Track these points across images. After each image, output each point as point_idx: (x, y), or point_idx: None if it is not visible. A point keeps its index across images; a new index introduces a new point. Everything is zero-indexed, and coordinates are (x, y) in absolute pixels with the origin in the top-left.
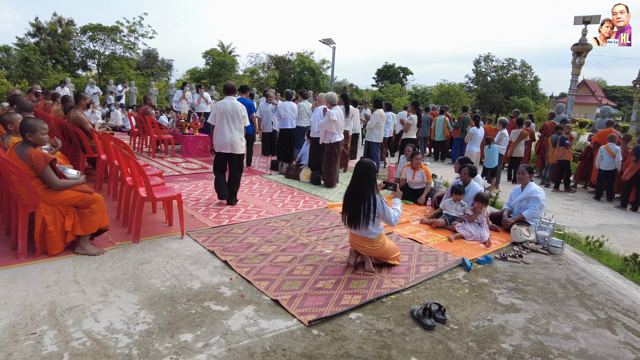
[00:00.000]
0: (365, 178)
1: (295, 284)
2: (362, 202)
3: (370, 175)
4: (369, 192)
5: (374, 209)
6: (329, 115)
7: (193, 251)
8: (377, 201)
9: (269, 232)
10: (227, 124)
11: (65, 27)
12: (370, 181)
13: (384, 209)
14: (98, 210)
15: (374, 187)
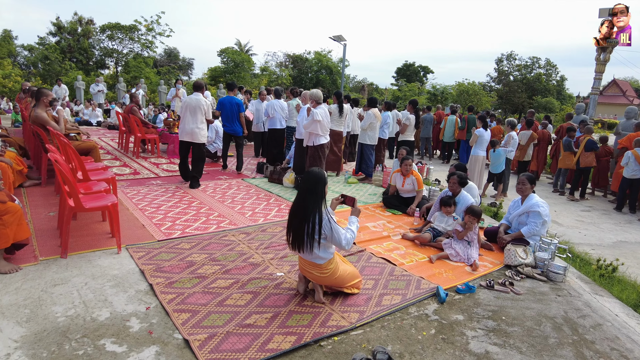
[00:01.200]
0: (310, 192)
1: (221, 318)
2: (306, 220)
3: (317, 188)
4: (315, 209)
5: (319, 229)
6: (313, 115)
7: (123, 270)
8: (324, 220)
9: (220, 248)
10: (190, 116)
11: (85, 26)
12: (317, 196)
13: (331, 229)
14: (12, 223)
15: (321, 203)
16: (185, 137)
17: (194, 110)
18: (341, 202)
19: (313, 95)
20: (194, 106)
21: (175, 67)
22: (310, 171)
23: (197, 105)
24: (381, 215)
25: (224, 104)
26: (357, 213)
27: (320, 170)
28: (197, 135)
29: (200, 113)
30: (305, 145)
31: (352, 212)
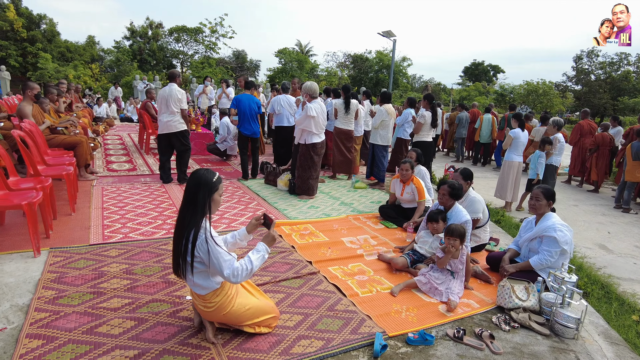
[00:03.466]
0: (189, 201)
1: (74, 351)
2: (181, 236)
3: (197, 196)
4: (192, 223)
5: (191, 249)
6: (306, 110)
7: (21, 278)
8: (200, 238)
9: (148, 259)
10: (164, 107)
11: (154, 29)
12: (195, 206)
13: (208, 251)
14: None
15: (199, 216)
16: (162, 129)
17: (167, 101)
18: (261, 222)
19: (307, 88)
20: (166, 97)
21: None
22: (194, 173)
23: (169, 95)
24: (369, 228)
25: (242, 102)
26: (269, 240)
27: (207, 173)
28: (173, 126)
29: (172, 103)
30: (297, 142)
31: (264, 237)
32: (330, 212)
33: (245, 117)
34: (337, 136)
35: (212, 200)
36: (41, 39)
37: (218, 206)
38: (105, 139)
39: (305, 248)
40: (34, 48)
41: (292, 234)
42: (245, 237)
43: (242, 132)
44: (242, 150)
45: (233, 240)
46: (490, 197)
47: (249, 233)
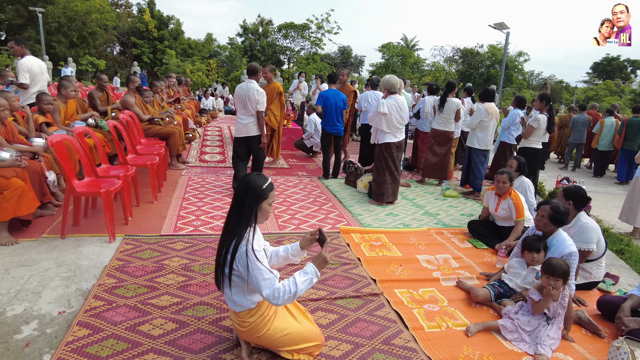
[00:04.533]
0: (235, 207)
1: (113, 347)
2: (223, 245)
3: (244, 203)
4: (234, 232)
5: (230, 260)
6: (379, 106)
7: (93, 262)
8: (240, 251)
9: (211, 256)
10: (242, 108)
11: (265, 26)
12: (241, 213)
13: (248, 266)
14: (12, 198)
15: (244, 225)
16: (240, 132)
17: (244, 101)
18: (316, 238)
19: (386, 82)
20: (243, 95)
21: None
22: (245, 177)
23: (246, 94)
24: (453, 246)
25: (328, 98)
26: (320, 262)
27: (258, 178)
28: (251, 129)
29: (249, 104)
30: (372, 142)
31: (315, 258)
32: (409, 223)
33: (331, 114)
34: (433, 137)
35: (260, 209)
36: (168, 37)
37: (266, 216)
38: (206, 130)
39: (373, 262)
40: (162, 45)
41: (361, 243)
42: (298, 253)
43: (326, 129)
44: (325, 148)
45: (285, 255)
46: (613, 219)
47: (302, 249)
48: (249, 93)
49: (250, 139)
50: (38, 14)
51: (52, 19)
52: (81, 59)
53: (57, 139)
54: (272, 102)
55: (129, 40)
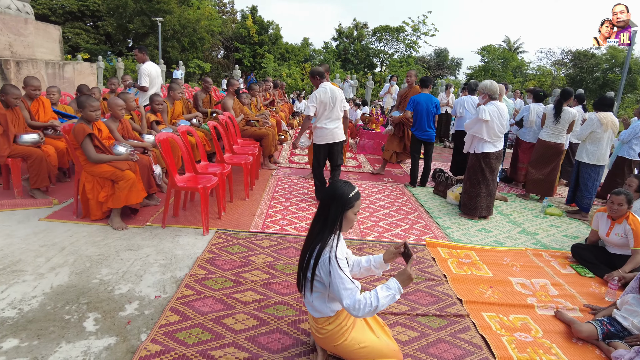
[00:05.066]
0: (321, 212)
1: (198, 336)
2: (307, 249)
3: (330, 209)
4: (318, 238)
5: (313, 266)
6: (479, 112)
7: (187, 252)
8: (324, 257)
9: (294, 256)
10: (329, 112)
11: (359, 30)
12: (326, 219)
13: (330, 273)
14: (125, 188)
15: (328, 231)
16: (327, 138)
17: (331, 106)
18: (401, 252)
19: (487, 88)
20: (329, 100)
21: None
22: (332, 184)
23: (334, 97)
24: (552, 271)
25: (419, 103)
26: (404, 279)
27: (345, 186)
28: (338, 134)
29: (339, 106)
30: (466, 151)
31: (399, 273)
32: (504, 241)
33: (422, 120)
34: (541, 149)
35: (345, 217)
36: (267, 42)
37: (351, 225)
38: (297, 132)
39: (460, 281)
40: (262, 50)
41: (448, 259)
42: (381, 266)
43: (415, 135)
44: (414, 155)
45: (367, 266)
46: None
47: (385, 262)
48: (338, 95)
49: (337, 144)
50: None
51: (169, 27)
52: (190, 63)
53: (163, 137)
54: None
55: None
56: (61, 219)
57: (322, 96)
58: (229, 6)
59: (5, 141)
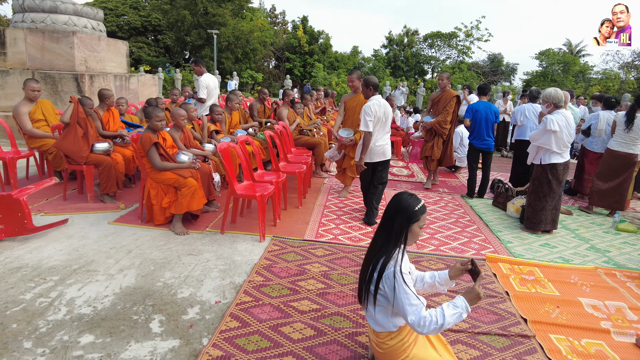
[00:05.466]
0: (384, 225)
1: (258, 343)
2: (369, 261)
3: (394, 222)
4: (382, 251)
5: (377, 279)
6: (545, 122)
7: (245, 258)
8: (388, 270)
9: (349, 266)
10: (381, 128)
11: (410, 37)
12: (390, 232)
13: (394, 288)
14: (187, 195)
15: (393, 245)
16: (377, 156)
17: (383, 120)
18: (467, 269)
19: (551, 96)
20: (382, 114)
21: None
22: (397, 195)
23: (386, 112)
24: (629, 293)
25: (478, 111)
26: (472, 297)
27: (410, 198)
28: (388, 151)
29: (388, 121)
30: (530, 162)
31: (467, 292)
32: (570, 257)
33: (481, 128)
34: (610, 160)
35: (410, 231)
36: (317, 51)
37: (416, 239)
38: None
39: (524, 299)
40: (312, 59)
41: (510, 275)
42: (446, 283)
43: (474, 144)
44: (471, 165)
45: (431, 282)
46: None
47: (451, 279)
48: (389, 109)
49: (386, 162)
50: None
51: (223, 39)
52: (243, 73)
53: (224, 146)
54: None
55: (283, 55)
56: (127, 222)
57: (377, 110)
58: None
59: (85, 143)
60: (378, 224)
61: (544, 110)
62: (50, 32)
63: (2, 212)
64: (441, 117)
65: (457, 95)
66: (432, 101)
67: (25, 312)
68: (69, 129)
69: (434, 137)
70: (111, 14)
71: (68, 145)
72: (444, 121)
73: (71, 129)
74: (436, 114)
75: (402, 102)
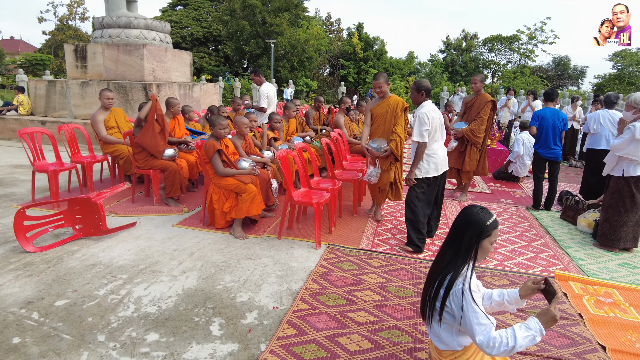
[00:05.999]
0: (453, 239)
1: (314, 353)
2: (434, 277)
3: (464, 236)
4: (450, 266)
5: (443, 296)
6: (634, 131)
7: (301, 264)
8: (456, 287)
9: (407, 279)
10: (440, 134)
11: (469, 41)
12: (459, 247)
13: (462, 306)
14: (247, 200)
15: (463, 261)
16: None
17: (440, 128)
18: (540, 289)
19: (637, 101)
20: (438, 120)
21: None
22: (467, 209)
23: (440, 118)
24: None
25: (544, 118)
26: (547, 320)
27: (481, 212)
28: (445, 163)
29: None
30: (607, 173)
31: (541, 313)
32: None
33: (547, 136)
34: None
35: (480, 247)
36: (372, 57)
37: (486, 255)
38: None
39: (600, 323)
40: (366, 66)
41: (583, 296)
42: (516, 302)
43: (539, 153)
44: (537, 175)
45: (500, 300)
46: None
47: (522, 298)
48: (441, 115)
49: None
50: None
51: (280, 48)
52: (298, 81)
53: (283, 154)
54: (397, 123)
55: (337, 62)
56: (190, 225)
57: (434, 117)
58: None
59: (162, 138)
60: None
61: (627, 117)
62: (124, 46)
63: (81, 213)
64: (474, 125)
65: (493, 100)
66: (465, 106)
67: (99, 307)
68: (147, 125)
69: (467, 147)
70: (176, 26)
71: (147, 141)
72: (477, 129)
73: (149, 126)
74: (469, 120)
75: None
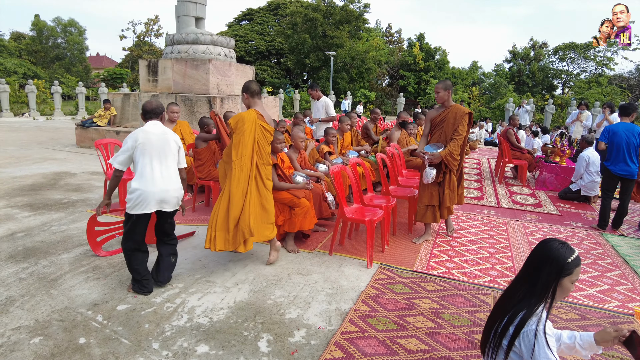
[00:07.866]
0: (528, 274)
1: None
2: (503, 313)
3: (541, 274)
4: (523, 304)
5: (512, 334)
6: None
7: (352, 284)
8: (528, 327)
9: (463, 306)
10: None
11: (537, 50)
12: (535, 285)
13: (534, 351)
14: (299, 214)
15: (538, 300)
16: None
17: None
18: (623, 341)
19: None
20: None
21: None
22: (544, 242)
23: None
24: None
25: (616, 134)
26: None
27: (562, 248)
28: None
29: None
30: None
31: None
32: None
33: (619, 153)
34: None
35: (560, 285)
36: (433, 68)
37: (566, 294)
38: (464, 161)
39: None
40: (427, 76)
41: None
42: (590, 347)
43: (611, 169)
44: (606, 193)
45: (570, 343)
46: None
47: (597, 344)
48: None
49: None
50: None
51: (340, 60)
52: (357, 92)
53: (337, 169)
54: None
55: (397, 73)
56: None
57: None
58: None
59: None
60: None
61: None
62: (192, 61)
63: None
64: (452, 146)
65: (470, 112)
66: (432, 122)
67: (155, 315)
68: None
69: (445, 175)
70: (241, 40)
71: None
72: (455, 150)
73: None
74: (443, 139)
75: (527, 122)
